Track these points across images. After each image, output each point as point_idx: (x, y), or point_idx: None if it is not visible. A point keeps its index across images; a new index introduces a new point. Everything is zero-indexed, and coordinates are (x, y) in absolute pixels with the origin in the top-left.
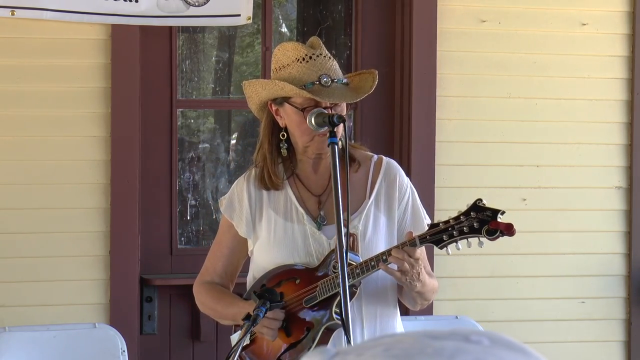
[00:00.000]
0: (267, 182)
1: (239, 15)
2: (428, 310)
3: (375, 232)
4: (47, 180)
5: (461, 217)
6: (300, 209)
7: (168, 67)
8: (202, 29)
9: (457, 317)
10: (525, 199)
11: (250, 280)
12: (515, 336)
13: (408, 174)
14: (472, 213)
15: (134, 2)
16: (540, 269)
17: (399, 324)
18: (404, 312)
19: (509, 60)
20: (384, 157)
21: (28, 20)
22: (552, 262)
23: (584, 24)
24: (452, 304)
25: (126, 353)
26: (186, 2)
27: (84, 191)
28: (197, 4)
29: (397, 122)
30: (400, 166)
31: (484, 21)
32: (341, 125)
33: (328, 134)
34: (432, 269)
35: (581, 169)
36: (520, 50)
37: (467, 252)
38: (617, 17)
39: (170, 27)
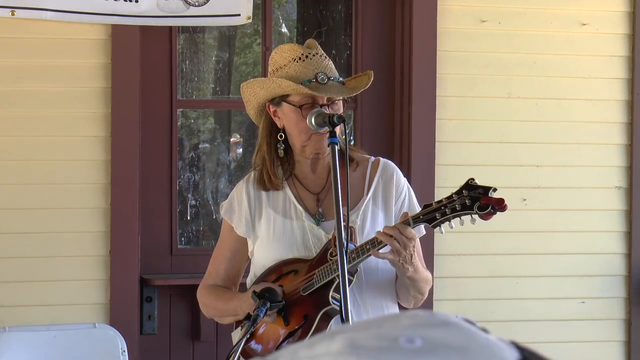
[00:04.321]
0: (267, 183)
1: (239, 15)
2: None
3: (373, 226)
4: (47, 180)
5: (453, 195)
6: (299, 207)
7: (168, 67)
8: (202, 29)
9: (457, 317)
10: (525, 199)
11: (251, 278)
12: (515, 336)
13: (408, 174)
14: (464, 191)
15: (134, 2)
16: (540, 269)
17: None
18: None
19: (509, 60)
20: (381, 158)
21: (28, 20)
22: (552, 262)
23: (584, 24)
24: (452, 304)
25: (126, 353)
26: (186, 2)
27: (84, 191)
28: (197, 4)
29: (397, 122)
30: (401, 166)
31: (484, 21)
32: (340, 125)
33: (328, 134)
34: (432, 269)
35: (581, 169)
36: (520, 50)
37: (467, 252)
38: (617, 17)
39: (170, 27)
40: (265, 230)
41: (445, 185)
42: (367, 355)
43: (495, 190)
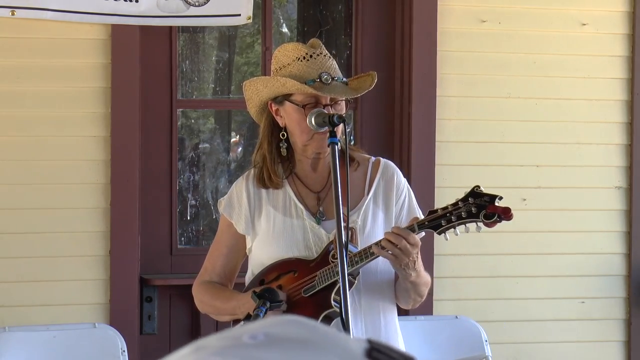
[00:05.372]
0: (267, 182)
1: (239, 15)
2: (428, 310)
3: (374, 227)
4: (47, 180)
5: (459, 202)
6: (300, 205)
7: (168, 67)
8: (202, 29)
9: (457, 317)
10: (525, 199)
11: (249, 276)
12: (515, 336)
13: (408, 174)
14: (469, 199)
15: (134, 2)
16: (540, 269)
17: (396, 322)
18: (404, 312)
19: (509, 60)
20: (381, 158)
21: (28, 20)
22: (552, 262)
23: (584, 24)
24: (452, 304)
25: (126, 353)
26: (186, 2)
27: (84, 191)
28: (197, 4)
29: (397, 122)
30: (401, 166)
31: (484, 21)
32: (340, 125)
33: (328, 134)
34: (432, 269)
35: (581, 169)
36: (520, 50)
37: (467, 252)
38: (617, 17)
39: (170, 27)
40: (265, 227)
41: (445, 185)
42: (207, 353)
43: (501, 198)
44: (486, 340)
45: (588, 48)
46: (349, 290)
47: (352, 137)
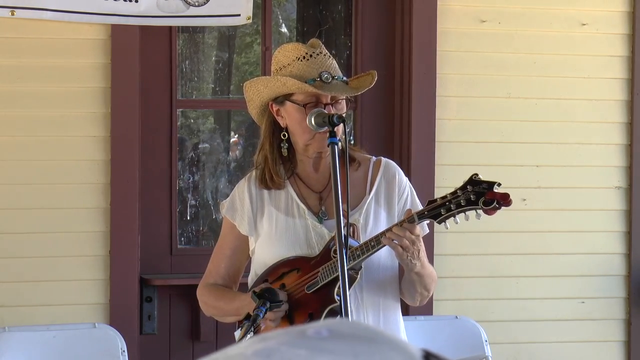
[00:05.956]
0: (269, 182)
1: (239, 15)
2: (428, 311)
3: (376, 225)
4: (47, 180)
5: (458, 191)
6: (302, 205)
7: (168, 67)
8: (202, 29)
9: (457, 317)
10: (525, 199)
11: (252, 277)
12: (515, 336)
13: (408, 174)
14: (468, 187)
15: (133, 2)
16: (540, 269)
17: (400, 319)
18: (404, 312)
19: (509, 60)
20: (382, 158)
21: (28, 20)
22: (552, 262)
23: (584, 24)
24: (452, 304)
25: (126, 353)
26: (186, 2)
27: (84, 191)
28: (197, 4)
29: (397, 122)
30: (401, 166)
31: (484, 21)
32: (341, 125)
33: (328, 134)
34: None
35: (581, 169)
36: (520, 50)
37: (467, 252)
38: (617, 17)
39: (170, 27)
40: (267, 228)
41: (445, 185)
42: (275, 342)
43: (499, 185)
44: (486, 340)
45: (588, 48)
46: (352, 286)
47: (351, 137)
